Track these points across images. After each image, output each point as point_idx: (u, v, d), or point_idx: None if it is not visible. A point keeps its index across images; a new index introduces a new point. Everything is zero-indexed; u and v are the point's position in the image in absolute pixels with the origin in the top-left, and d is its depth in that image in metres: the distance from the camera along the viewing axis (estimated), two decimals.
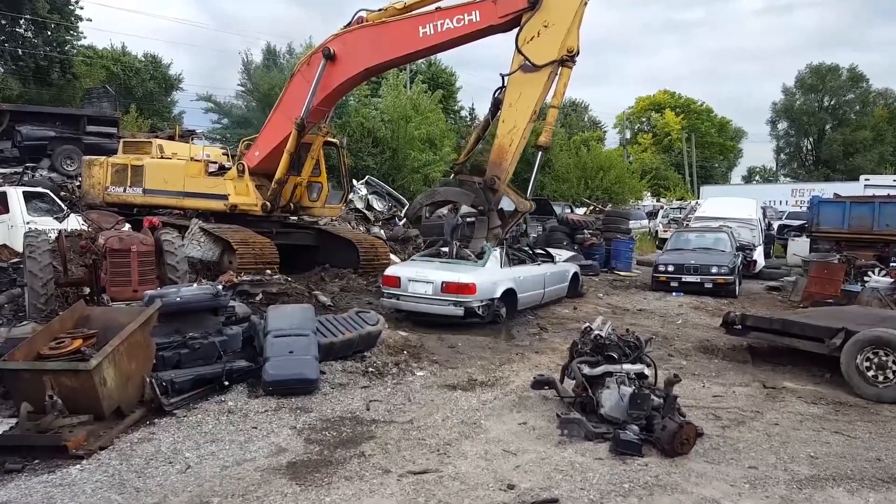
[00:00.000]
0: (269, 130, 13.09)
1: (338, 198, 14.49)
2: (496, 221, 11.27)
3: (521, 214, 11.52)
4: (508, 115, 11.22)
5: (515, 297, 10.15)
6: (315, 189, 13.66)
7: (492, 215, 11.26)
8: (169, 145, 14.82)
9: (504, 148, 11.24)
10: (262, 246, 11.80)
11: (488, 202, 11.35)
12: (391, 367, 7.32)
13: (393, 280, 10.01)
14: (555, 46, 10.35)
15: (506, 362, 7.84)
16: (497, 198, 11.33)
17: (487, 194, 11.29)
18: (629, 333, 6.20)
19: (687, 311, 12.09)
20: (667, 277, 14.19)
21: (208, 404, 5.94)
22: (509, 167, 11.17)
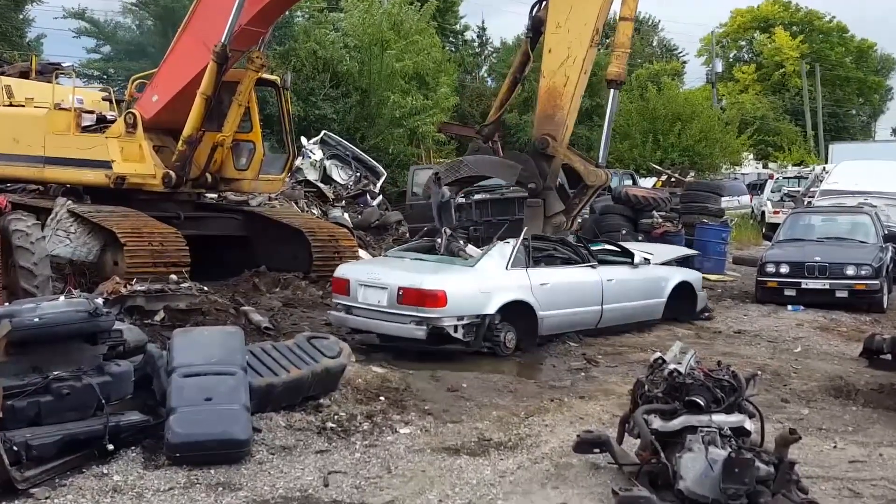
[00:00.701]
0: (174, 63, 13.11)
1: (279, 165, 14.54)
2: (556, 205, 11.37)
3: (594, 191, 11.68)
4: (557, 42, 11.35)
5: (534, 315, 10.15)
6: (244, 152, 13.77)
7: (549, 196, 11.38)
8: (21, 86, 14.81)
9: (556, 91, 11.38)
10: (164, 239, 11.83)
11: (542, 176, 11.44)
12: (361, 420, 7.29)
13: (341, 285, 10.23)
14: None
15: (535, 413, 7.83)
16: (554, 168, 11.49)
17: (539, 163, 11.42)
18: (722, 368, 6.18)
19: (809, 334, 12.10)
20: (779, 283, 14.22)
21: (84, 479, 5.90)
22: (568, 119, 11.34)
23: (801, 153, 47.77)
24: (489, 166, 11.89)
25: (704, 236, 17.72)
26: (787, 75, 60.61)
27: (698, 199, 19.26)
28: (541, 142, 11.35)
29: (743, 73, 62.18)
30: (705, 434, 5.71)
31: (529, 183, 11.55)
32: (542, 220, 11.43)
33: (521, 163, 11.57)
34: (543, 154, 11.36)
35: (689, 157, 34.15)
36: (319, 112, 25.11)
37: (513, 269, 10.21)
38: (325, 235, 13.88)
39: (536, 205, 11.55)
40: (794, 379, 9.43)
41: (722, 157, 36.74)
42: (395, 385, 8.30)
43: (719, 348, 10.66)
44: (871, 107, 68.83)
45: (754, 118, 47.61)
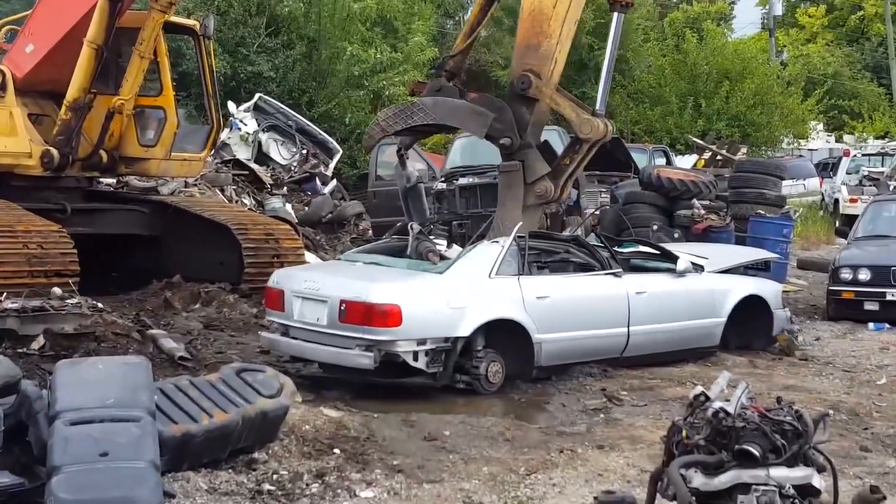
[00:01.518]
0: (54, 3, 13.02)
1: (199, 139, 14.52)
2: (539, 167, 11.33)
3: (590, 147, 11.53)
4: None
5: (529, 339, 10.16)
6: (151, 122, 13.77)
7: (530, 156, 11.36)
8: None
9: (543, 13, 11.37)
10: (44, 239, 11.78)
11: (521, 128, 11.42)
12: (309, 481, 7.27)
13: (274, 297, 10.35)
14: None
15: (539, 468, 7.85)
16: (538, 116, 11.48)
17: (519, 111, 11.40)
18: (783, 406, 6.21)
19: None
20: (857, 294, 14.40)
21: None
22: (557, 51, 11.33)
23: (885, 122, 48.14)
24: (451, 113, 11.76)
25: (760, 232, 17.78)
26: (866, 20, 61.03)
27: (752, 183, 19.31)
28: (521, 80, 11.32)
29: (809, 18, 62.61)
30: (761, 494, 5.73)
31: (503, 137, 11.47)
32: (522, 189, 11.39)
33: (493, 110, 11.46)
34: (524, 97, 11.34)
35: (739, 127, 34.35)
36: (252, 69, 25.05)
37: (498, 277, 10.19)
38: (260, 234, 13.87)
39: (513, 168, 11.49)
40: (878, 420, 9.50)
41: (783, 127, 36.97)
42: (355, 433, 8.28)
43: (779, 380, 10.74)
44: None
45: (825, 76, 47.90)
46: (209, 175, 18.17)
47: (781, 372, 11.32)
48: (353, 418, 8.67)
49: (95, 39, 12.43)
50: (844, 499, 5.96)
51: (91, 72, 12.65)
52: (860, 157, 34.27)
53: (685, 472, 5.98)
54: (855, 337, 13.40)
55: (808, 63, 49.01)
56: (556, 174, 11.50)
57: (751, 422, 6.02)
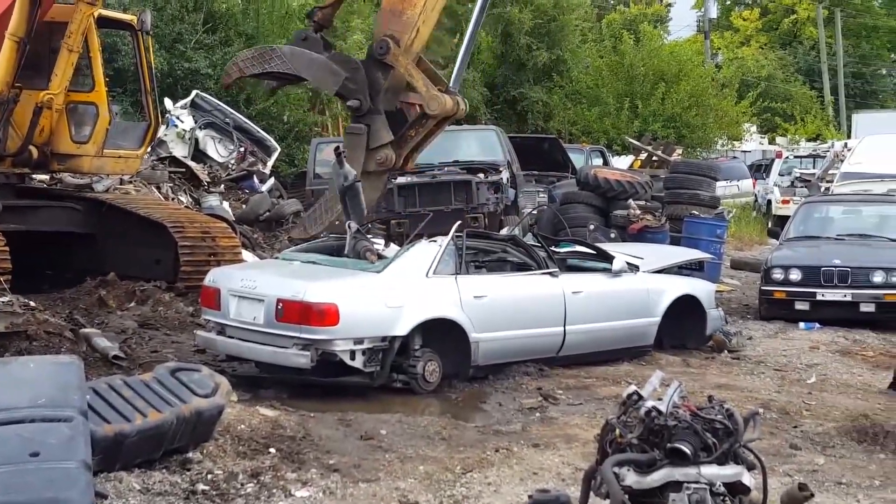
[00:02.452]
0: None
1: (136, 136, 14.40)
2: (383, 134, 11.28)
3: (436, 122, 11.49)
4: None
5: (465, 338, 10.16)
6: (84, 118, 13.61)
7: (376, 121, 11.28)
8: None
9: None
10: None
11: (373, 92, 11.28)
12: (244, 480, 7.23)
13: (210, 295, 10.31)
14: None
15: (475, 466, 7.85)
16: (393, 82, 11.31)
17: (374, 74, 11.27)
18: (714, 405, 6.27)
19: (826, 360, 12.35)
20: (788, 293, 14.53)
21: None
22: (420, 20, 11.20)
23: (817, 125, 48.86)
24: (307, 65, 11.49)
25: (694, 233, 17.92)
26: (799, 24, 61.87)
27: (687, 183, 19.46)
28: (380, 45, 11.19)
29: (744, 21, 63.36)
30: (692, 492, 5.78)
31: (353, 98, 11.36)
32: (364, 153, 11.32)
33: (348, 70, 11.30)
34: (381, 62, 11.21)
35: (675, 128, 34.62)
36: (190, 65, 24.83)
37: (436, 276, 10.21)
38: (196, 232, 13.75)
39: (358, 132, 11.41)
40: (807, 418, 9.61)
41: (717, 129, 37.34)
42: (291, 432, 8.25)
43: (711, 379, 10.84)
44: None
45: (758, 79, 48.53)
46: (145, 172, 17.96)
47: (714, 371, 11.41)
48: (290, 417, 8.64)
49: (17, 32, 12.28)
50: (774, 496, 6.02)
51: (13, 65, 12.48)
52: (792, 158, 34.78)
53: (618, 470, 6.02)
54: (786, 336, 13.55)
55: (742, 66, 49.48)
56: (399, 144, 11.47)
57: (682, 420, 6.07)
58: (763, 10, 64.31)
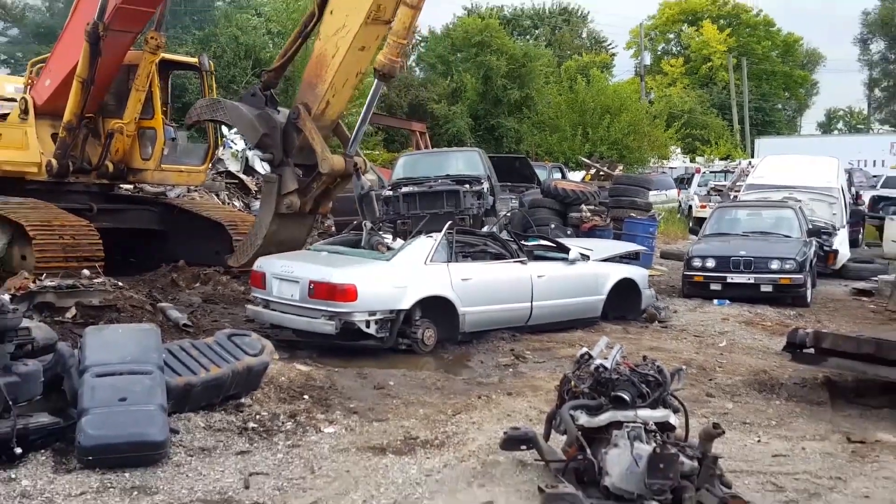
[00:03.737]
0: (64, 45, 12.93)
1: (200, 155, 14.32)
2: (290, 184, 11.01)
3: (330, 180, 11.15)
4: (338, 5, 10.71)
5: (455, 311, 10.17)
6: (148, 140, 13.55)
7: (286, 172, 11.05)
8: None
9: (324, 59, 10.85)
10: (75, 232, 11.63)
11: (284, 148, 10.99)
12: (284, 420, 7.25)
13: (258, 278, 10.30)
14: None
15: (462, 410, 7.87)
16: (304, 142, 10.94)
17: (290, 134, 11.00)
18: (647, 363, 6.29)
19: (734, 328, 12.38)
20: (705, 277, 14.51)
21: None
22: (329, 93, 10.85)
23: (727, 147, 48.89)
24: (238, 118, 11.32)
25: (632, 230, 17.96)
26: (714, 69, 61.88)
27: (626, 192, 19.51)
28: (293, 111, 10.93)
29: (671, 67, 63.30)
30: (631, 430, 5.80)
31: (267, 152, 11.13)
32: (275, 198, 11.06)
33: (267, 128, 11.02)
34: (294, 125, 10.89)
35: (617, 150, 34.67)
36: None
37: (432, 263, 10.20)
38: (246, 228, 13.59)
39: (271, 180, 11.18)
40: (719, 373, 9.65)
41: (650, 150, 37.39)
42: (320, 383, 8.27)
43: (646, 343, 10.84)
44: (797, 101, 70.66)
45: (682, 112, 48.52)
46: (207, 183, 17.98)
47: (647, 337, 11.42)
48: (319, 372, 8.67)
49: (81, 73, 12.26)
50: (694, 433, 6.04)
51: (80, 100, 12.48)
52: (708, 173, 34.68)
53: (573, 412, 6.05)
54: (703, 310, 13.56)
55: (669, 102, 49.55)
56: (304, 192, 11.14)
57: (623, 375, 6.10)
58: (686, 59, 64.26)
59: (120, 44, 12.45)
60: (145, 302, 10.84)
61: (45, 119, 12.97)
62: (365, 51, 10.84)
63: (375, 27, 10.63)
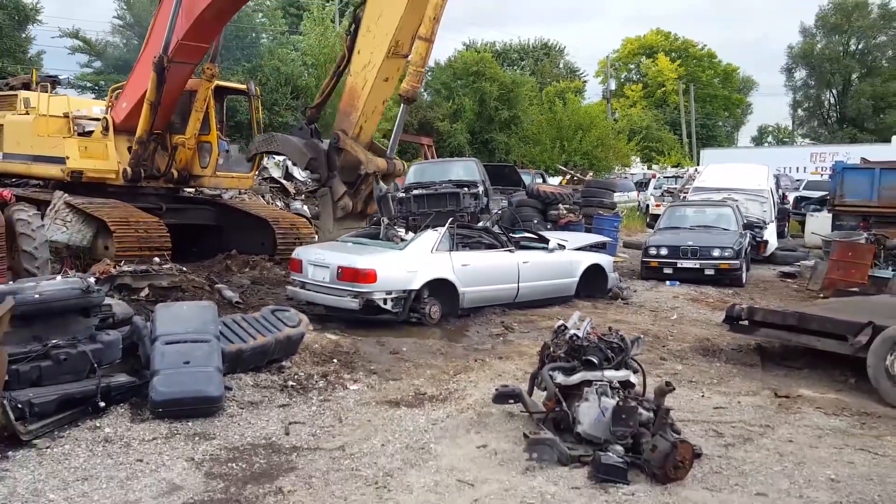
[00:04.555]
0: (137, 74, 12.90)
1: (248, 164, 14.27)
2: (339, 189, 10.94)
3: (372, 176, 10.99)
4: (365, 45, 10.61)
5: (456, 291, 10.15)
6: (205, 152, 13.54)
7: (334, 183, 10.97)
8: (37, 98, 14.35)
9: (356, 91, 10.76)
10: (148, 226, 11.63)
11: (329, 167, 10.92)
12: (317, 379, 7.28)
13: (296, 264, 10.27)
14: None
15: (462, 371, 7.89)
16: (345, 160, 10.85)
17: (332, 156, 10.91)
18: (612, 332, 6.30)
19: (683, 304, 12.38)
20: (659, 262, 14.50)
21: (79, 431, 5.80)
22: (361, 119, 10.76)
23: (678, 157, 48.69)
24: (289, 147, 11.31)
25: (600, 225, 17.91)
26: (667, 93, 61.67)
27: (595, 194, 19.46)
28: (334, 137, 10.87)
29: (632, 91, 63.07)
30: (598, 387, 5.83)
31: (316, 172, 11.08)
32: (331, 206, 10.99)
33: (314, 152, 10.96)
34: (337, 148, 10.82)
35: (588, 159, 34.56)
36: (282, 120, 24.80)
37: (437, 252, 10.14)
38: (287, 224, 13.72)
39: (324, 193, 11.09)
40: (671, 341, 9.67)
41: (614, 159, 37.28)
42: (346, 349, 8.29)
43: (611, 316, 10.86)
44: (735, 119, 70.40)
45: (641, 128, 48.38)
46: (254, 187, 17.94)
47: (612, 312, 11.42)
48: (345, 340, 8.67)
49: (150, 97, 12.27)
50: (650, 390, 6.05)
51: (148, 119, 12.47)
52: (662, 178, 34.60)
53: (552, 373, 6.07)
54: (657, 290, 13.56)
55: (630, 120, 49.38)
56: (354, 194, 11.01)
57: (592, 342, 6.11)
58: (644, 84, 63.98)
59: (181, 73, 12.43)
60: (204, 283, 10.84)
61: (122, 135, 12.97)
62: (388, 81, 10.77)
63: (396, 60, 10.56)
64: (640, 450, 5.34)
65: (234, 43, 28.73)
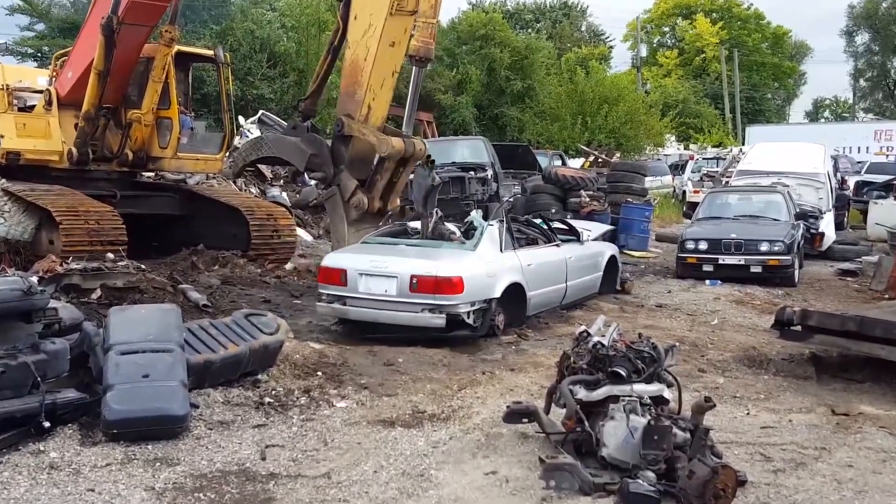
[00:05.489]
0: (84, 38, 12.88)
1: (217, 144, 14.27)
2: (350, 185, 10.59)
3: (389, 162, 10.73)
4: (361, 8, 10.42)
5: (524, 296, 9.96)
6: (165, 129, 13.46)
7: (342, 179, 10.65)
8: None
9: (357, 64, 10.55)
10: (99, 217, 11.63)
11: (335, 161, 10.59)
12: (298, 395, 7.26)
13: (335, 275, 9.47)
14: None
15: (467, 385, 7.88)
16: (355, 150, 10.57)
17: (337, 148, 10.63)
18: (642, 340, 6.29)
19: (726, 307, 12.36)
20: (698, 259, 14.49)
21: (20, 456, 5.78)
22: (368, 97, 10.51)
23: (719, 135, 48.68)
24: (284, 148, 11.05)
25: (629, 214, 17.98)
26: (707, 60, 61.60)
27: (623, 179, 19.51)
28: (337, 124, 10.65)
29: (666, 59, 63.02)
30: (626, 403, 5.81)
31: (320, 171, 10.82)
32: (343, 208, 10.67)
33: (315, 147, 10.74)
34: (342, 137, 10.58)
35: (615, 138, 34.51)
36: (257, 92, 24.82)
37: (505, 250, 9.89)
38: (263, 214, 13.71)
39: (331, 194, 10.75)
40: (711, 350, 9.64)
41: (646, 138, 37.23)
42: (332, 360, 8.26)
43: (641, 321, 10.83)
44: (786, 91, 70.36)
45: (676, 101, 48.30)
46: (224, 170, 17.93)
47: (642, 316, 11.41)
48: (331, 350, 8.64)
49: (98, 65, 12.17)
50: (686, 406, 6.04)
51: (97, 91, 12.38)
52: (701, 160, 34.63)
53: (572, 387, 6.06)
54: (696, 290, 13.55)
55: (664, 92, 49.32)
56: (369, 188, 10.78)
57: (619, 351, 6.10)
58: (680, 51, 63.96)
59: (134, 37, 12.29)
60: (166, 284, 10.83)
61: (68, 110, 12.93)
62: (395, 46, 10.53)
63: (401, 18, 10.33)
64: (675, 476, 5.32)
65: (201, 2, 28.73)
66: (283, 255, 13.67)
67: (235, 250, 13.15)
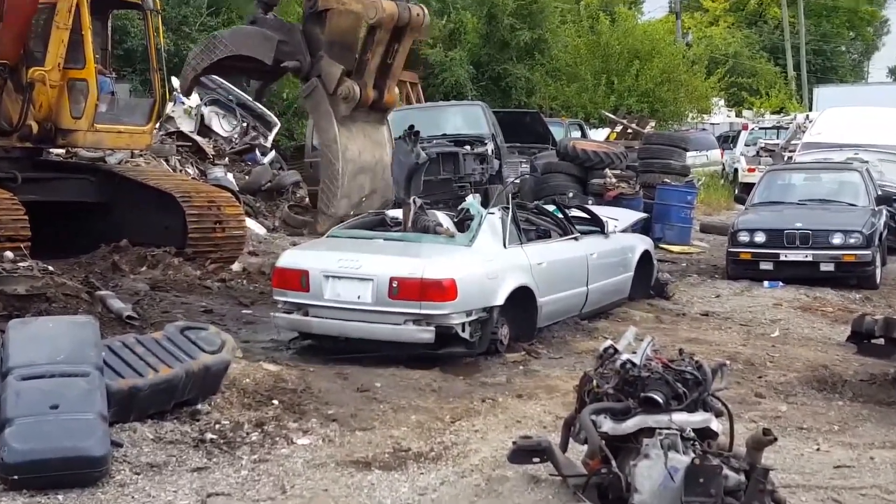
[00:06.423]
0: None
1: (144, 112, 14.25)
2: (334, 71, 10.59)
3: (387, 33, 10.69)
4: None
5: (534, 303, 9.83)
6: (80, 94, 13.32)
7: (322, 65, 10.66)
8: None
9: None
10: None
11: (310, 46, 10.67)
12: (249, 430, 7.24)
13: (294, 277, 9.46)
14: None
15: (463, 416, 7.88)
16: (332, 28, 10.64)
17: (311, 31, 10.74)
18: (684, 358, 6.29)
19: (789, 315, 12.40)
20: (753, 254, 14.55)
21: None
22: None
23: (780, 98, 48.80)
24: (244, 41, 10.97)
25: (666, 199, 18.00)
26: (764, 4, 61.71)
27: (659, 154, 19.52)
28: (308, 1, 10.73)
29: (712, 2, 63.09)
30: (664, 437, 5.80)
31: (292, 61, 10.84)
32: (328, 103, 10.65)
33: (284, 33, 10.77)
34: (314, 16, 10.65)
35: (648, 103, 34.59)
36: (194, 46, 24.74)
37: (511, 245, 9.85)
38: (203, 201, 13.68)
39: (312, 86, 10.78)
40: (771, 369, 9.66)
41: (688, 103, 37.31)
42: (292, 385, 8.23)
43: (682, 334, 10.86)
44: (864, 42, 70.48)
45: (726, 56, 48.45)
46: (154, 146, 17.90)
47: (684, 326, 11.43)
48: (290, 372, 8.61)
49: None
50: (740, 441, 6.05)
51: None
52: (757, 130, 34.73)
53: (595, 417, 6.04)
54: (751, 294, 13.59)
55: (710, 44, 49.36)
56: (358, 72, 10.82)
57: (655, 372, 6.09)
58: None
59: None
60: (81, 290, 10.80)
61: None
62: None
63: None
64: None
65: None
66: (228, 253, 13.66)
67: (168, 247, 13.14)
